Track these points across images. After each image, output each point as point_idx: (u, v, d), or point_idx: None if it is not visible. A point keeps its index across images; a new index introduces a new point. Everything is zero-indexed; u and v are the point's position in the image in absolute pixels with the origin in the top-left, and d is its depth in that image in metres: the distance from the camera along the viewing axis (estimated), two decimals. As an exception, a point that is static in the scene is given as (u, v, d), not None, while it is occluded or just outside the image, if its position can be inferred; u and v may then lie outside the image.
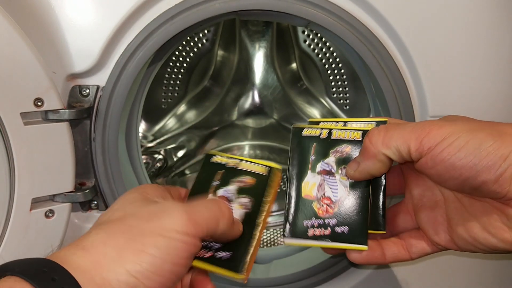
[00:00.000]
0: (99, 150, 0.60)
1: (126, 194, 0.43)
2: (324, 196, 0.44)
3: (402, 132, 0.39)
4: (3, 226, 0.54)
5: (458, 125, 0.38)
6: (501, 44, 0.58)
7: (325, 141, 0.46)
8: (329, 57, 0.95)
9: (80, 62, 0.57)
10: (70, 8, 0.55)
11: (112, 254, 0.34)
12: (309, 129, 0.46)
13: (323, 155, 0.45)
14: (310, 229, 0.44)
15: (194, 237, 0.36)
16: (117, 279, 0.33)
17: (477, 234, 0.41)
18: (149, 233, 0.35)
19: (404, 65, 0.59)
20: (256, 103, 1.01)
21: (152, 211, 0.37)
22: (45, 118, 0.55)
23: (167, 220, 0.35)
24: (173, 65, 0.96)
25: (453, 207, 0.43)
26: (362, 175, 0.43)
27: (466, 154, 0.36)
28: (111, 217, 0.39)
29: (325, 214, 0.44)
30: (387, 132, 0.40)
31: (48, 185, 0.56)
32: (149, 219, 0.36)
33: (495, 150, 0.36)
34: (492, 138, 0.36)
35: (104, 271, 0.33)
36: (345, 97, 0.97)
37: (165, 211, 0.36)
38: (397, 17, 0.57)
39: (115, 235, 0.35)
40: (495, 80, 0.59)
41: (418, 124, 0.39)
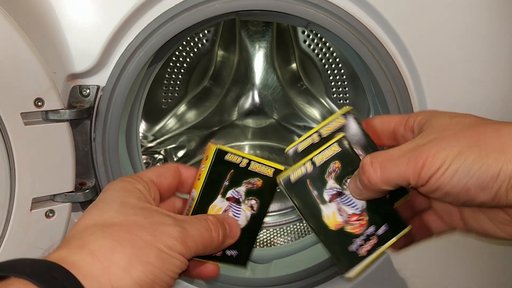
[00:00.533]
0: (99, 150, 0.60)
1: (118, 190, 0.42)
2: (349, 215, 0.45)
3: (398, 169, 0.39)
4: (4, 226, 0.54)
5: (451, 143, 0.38)
6: (500, 44, 0.58)
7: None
8: (329, 57, 0.95)
9: (80, 62, 0.57)
10: (71, 9, 0.55)
11: (121, 263, 0.36)
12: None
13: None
14: (360, 249, 0.45)
15: (184, 257, 0.40)
16: (126, 286, 0.35)
17: (488, 229, 0.42)
18: (153, 247, 0.37)
19: (403, 65, 0.59)
20: (256, 103, 1.01)
21: (154, 225, 0.39)
22: (45, 118, 0.55)
23: (166, 238, 0.38)
24: (173, 65, 0.96)
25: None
26: (367, 198, 0.44)
27: (459, 180, 0.37)
28: (113, 218, 0.39)
29: (361, 228, 0.45)
30: (384, 170, 0.40)
31: (49, 185, 0.56)
32: (153, 233, 0.38)
33: (485, 172, 0.36)
34: (480, 159, 0.36)
35: (113, 279, 0.35)
36: (344, 97, 0.97)
37: (165, 230, 0.39)
38: (397, 17, 0.57)
39: (122, 244, 0.37)
40: (495, 80, 0.60)
41: (412, 154, 0.39)
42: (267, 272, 0.70)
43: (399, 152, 0.40)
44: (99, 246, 0.36)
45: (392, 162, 0.40)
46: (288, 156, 0.47)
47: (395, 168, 0.39)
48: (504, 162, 0.36)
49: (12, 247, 0.55)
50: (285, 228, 0.90)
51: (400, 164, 0.39)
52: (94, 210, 0.40)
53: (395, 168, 0.39)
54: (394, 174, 0.39)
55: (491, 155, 0.36)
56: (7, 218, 0.54)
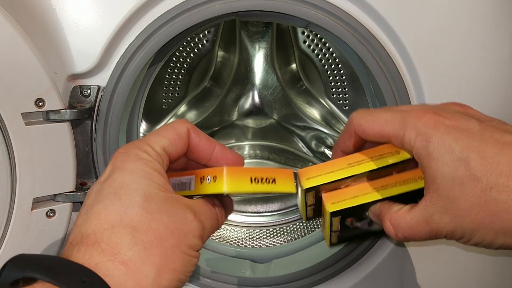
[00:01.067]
0: (100, 150, 0.60)
1: (139, 176, 0.39)
2: None
3: (419, 237, 0.43)
4: (4, 226, 0.54)
5: (466, 221, 0.39)
6: (500, 44, 0.59)
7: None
8: (328, 58, 0.96)
9: (81, 62, 0.57)
10: (71, 9, 0.56)
11: (151, 274, 0.36)
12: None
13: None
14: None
15: (199, 251, 0.41)
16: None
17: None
18: (178, 252, 0.38)
19: (403, 65, 0.60)
20: (256, 103, 1.01)
21: (178, 225, 0.39)
22: (46, 119, 0.55)
23: (190, 239, 0.39)
24: (173, 66, 0.97)
25: None
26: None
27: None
28: (139, 217, 0.37)
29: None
30: (405, 238, 0.44)
31: (49, 185, 0.57)
32: (178, 237, 0.38)
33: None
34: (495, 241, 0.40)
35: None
36: (344, 98, 0.97)
37: (188, 230, 0.39)
38: (397, 18, 0.57)
39: (152, 252, 0.36)
40: (494, 80, 0.60)
41: (432, 230, 0.42)
42: (267, 271, 0.70)
43: (416, 224, 0.42)
44: (131, 255, 0.35)
45: (412, 231, 0.43)
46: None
47: (415, 236, 0.43)
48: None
49: (13, 247, 0.55)
50: (285, 227, 0.90)
51: (421, 234, 0.42)
52: (117, 203, 0.38)
53: (416, 237, 0.43)
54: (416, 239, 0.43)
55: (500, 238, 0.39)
56: (8, 218, 0.54)
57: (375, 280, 0.67)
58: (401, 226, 0.43)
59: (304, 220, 0.88)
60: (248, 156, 1.06)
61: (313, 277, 0.68)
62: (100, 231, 0.36)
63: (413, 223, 0.42)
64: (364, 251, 0.67)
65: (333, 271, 0.68)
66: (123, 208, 0.37)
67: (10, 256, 0.54)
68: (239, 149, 1.06)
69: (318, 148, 1.03)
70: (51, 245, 0.58)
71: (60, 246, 0.59)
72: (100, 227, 0.36)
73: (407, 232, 0.42)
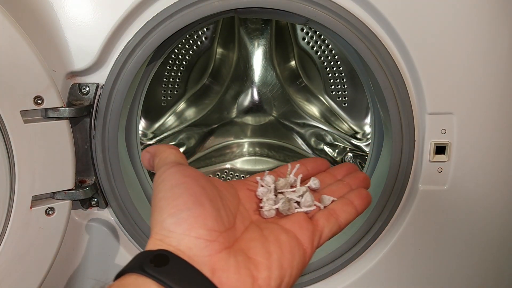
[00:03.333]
0: (99, 147, 0.60)
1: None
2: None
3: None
4: (4, 224, 0.54)
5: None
6: (499, 41, 0.59)
7: None
8: (327, 55, 0.95)
9: (79, 60, 0.57)
10: (70, 6, 0.56)
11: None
12: None
13: None
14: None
15: None
16: None
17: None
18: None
19: (402, 62, 0.60)
20: (255, 100, 1.01)
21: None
22: (45, 116, 0.55)
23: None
24: (172, 63, 0.96)
25: None
26: None
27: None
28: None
29: None
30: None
31: (49, 183, 0.57)
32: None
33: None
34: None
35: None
36: (343, 95, 0.97)
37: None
38: (396, 14, 0.57)
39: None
40: (493, 76, 0.60)
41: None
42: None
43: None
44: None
45: None
46: None
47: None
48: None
49: (12, 245, 0.55)
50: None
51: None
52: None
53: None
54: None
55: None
56: (7, 216, 0.54)
57: (374, 277, 0.68)
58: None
59: None
60: (248, 153, 1.06)
61: (312, 274, 0.68)
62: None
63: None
64: (362, 249, 0.67)
65: (332, 269, 0.68)
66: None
67: (9, 254, 0.54)
68: (239, 146, 1.06)
69: (317, 145, 1.03)
70: (51, 243, 0.58)
71: (59, 243, 0.59)
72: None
73: None
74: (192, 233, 0.33)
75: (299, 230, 0.39)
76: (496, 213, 0.65)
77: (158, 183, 0.37)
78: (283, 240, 0.38)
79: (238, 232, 0.38)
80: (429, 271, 0.68)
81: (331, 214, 0.43)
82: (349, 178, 0.49)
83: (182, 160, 0.41)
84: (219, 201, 0.37)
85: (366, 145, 0.97)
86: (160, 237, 0.34)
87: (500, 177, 0.63)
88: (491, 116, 0.61)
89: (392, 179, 0.63)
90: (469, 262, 0.67)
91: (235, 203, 0.41)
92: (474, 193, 0.64)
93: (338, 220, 0.43)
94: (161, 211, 0.35)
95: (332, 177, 0.50)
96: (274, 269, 0.35)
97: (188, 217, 0.34)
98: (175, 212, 0.34)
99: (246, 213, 0.41)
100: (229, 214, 0.38)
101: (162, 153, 0.41)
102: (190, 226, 0.34)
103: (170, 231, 0.33)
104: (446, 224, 0.65)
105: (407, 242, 0.66)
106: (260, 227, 0.39)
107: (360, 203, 0.45)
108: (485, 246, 0.67)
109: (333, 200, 0.44)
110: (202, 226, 0.34)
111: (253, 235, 0.38)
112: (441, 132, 0.61)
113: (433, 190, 0.64)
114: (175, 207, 0.34)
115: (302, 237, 0.39)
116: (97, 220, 0.64)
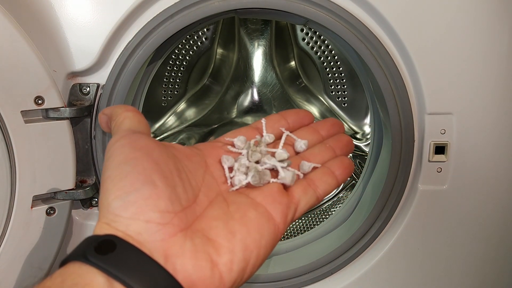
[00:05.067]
0: (99, 147, 0.61)
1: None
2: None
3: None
4: (4, 224, 0.54)
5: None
6: (498, 42, 0.59)
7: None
8: (327, 55, 0.96)
9: (80, 60, 0.57)
10: (70, 7, 0.56)
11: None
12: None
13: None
14: None
15: None
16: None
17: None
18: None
19: (402, 62, 0.60)
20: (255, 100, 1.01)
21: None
22: (45, 116, 0.55)
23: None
24: (173, 63, 0.97)
25: None
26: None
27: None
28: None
29: None
30: None
31: (49, 183, 0.57)
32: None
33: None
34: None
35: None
36: (343, 95, 0.98)
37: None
38: (395, 15, 0.57)
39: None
40: (493, 76, 0.60)
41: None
42: (266, 268, 0.70)
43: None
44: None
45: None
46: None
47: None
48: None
49: (13, 245, 0.55)
50: (284, 225, 0.90)
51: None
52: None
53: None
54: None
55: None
56: (8, 216, 0.54)
57: (374, 277, 0.68)
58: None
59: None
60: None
61: (312, 273, 0.68)
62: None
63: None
64: (362, 249, 0.67)
65: (332, 268, 0.68)
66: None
67: (10, 254, 0.54)
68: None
69: (317, 145, 1.03)
70: (51, 243, 0.58)
71: (60, 243, 0.59)
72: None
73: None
74: (141, 217, 0.30)
75: (271, 203, 0.35)
76: (496, 213, 0.65)
77: (106, 158, 0.33)
78: (250, 217, 0.34)
79: (200, 208, 0.34)
80: (429, 270, 0.68)
81: (309, 184, 0.38)
82: (333, 141, 0.43)
83: (138, 126, 0.36)
84: (176, 176, 0.33)
85: (366, 145, 0.97)
86: (107, 220, 0.30)
87: (500, 177, 0.64)
88: (491, 116, 0.61)
89: (392, 179, 0.63)
90: (468, 261, 0.67)
91: (199, 174, 0.36)
92: (474, 193, 0.64)
93: (316, 191, 0.38)
94: (107, 192, 0.31)
95: (315, 133, 0.44)
96: (238, 251, 0.32)
97: (136, 199, 0.30)
98: (121, 194, 0.31)
99: (214, 184, 0.37)
100: (189, 189, 0.34)
101: (117, 117, 0.37)
102: (138, 209, 0.30)
103: (117, 215, 0.30)
104: (446, 224, 0.65)
105: (407, 241, 0.66)
106: (227, 201, 0.36)
107: (342, 173, 0.40)
108: (485, 245, 0.67)
109: (314, 166, 0.39)
110: (152, 209, 0.30)
111: (216, 212, 0.34)
112: (441, 132, 0.61)
113: (433, 190, 0.64)
114: (121, 188, 0.31)
115: (274, 212, 0.35)
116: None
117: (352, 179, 0.98)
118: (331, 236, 0.73)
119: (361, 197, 0.72)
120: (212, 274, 0.30)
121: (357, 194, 0.74)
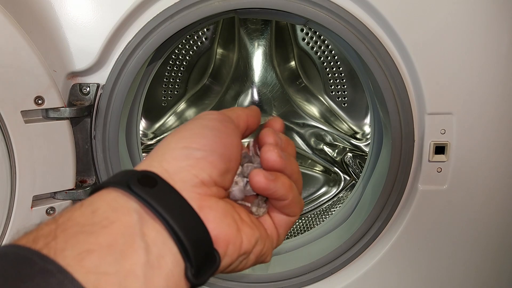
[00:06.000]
0: (99, 147, 0.60)
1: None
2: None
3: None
4: (5, 224, 0.54)
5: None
6: (498, 42, 0.59)
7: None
8: (327, 55, 0.96)
9: (80, 60, 0.57)
10: (70, 7, 0.56)
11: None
12: None
13: None
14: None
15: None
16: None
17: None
18: None
19: (401, 62, 0.60)
20: (255, 100, 1.01)
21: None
22: (45, 116, 0.55)
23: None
24: (173, 63, 0.97)
25: None
26: None
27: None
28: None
29: None
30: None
31: (49, 183, 0.57)
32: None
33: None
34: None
35: None
36: (343, 95, 0.98)
37: None
38: (395, 15, 0.57)
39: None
40: (492, 76, 0.60)
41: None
42: (267, 268, 0.70)
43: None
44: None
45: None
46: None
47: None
48: None
49: (13, 244, 0.55)
50: (284, 225, 0.90)
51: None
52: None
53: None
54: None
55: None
56: (8, 216, 0.54)
57: (374, 277, 0.68)
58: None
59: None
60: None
61: (312, 273, 0.68)
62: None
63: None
64: (362, 249, 0.67)
65: (333, 268, 0.68)
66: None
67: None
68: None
69: (317, 145, 1.03)
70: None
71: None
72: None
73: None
74: (193, 171, 0.32)
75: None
76: (496, 212, 0.65)
77: (195, 119, 0.36)
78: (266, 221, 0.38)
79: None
80: (429, 270, 0.68)
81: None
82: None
83: (236, 120, 0.40)
84: (234, 166, 0.36)
85: (366, 145, 0.97)
86: (160, 159, 0.33)
87: (499, 176, 0.64)
88: (490, 116, 0.61)
89: (392, 179, 0.63)
90: (468, 261, 0.67)
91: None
92: (473, 192, 0.64)
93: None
94: (181, 139, 0.34)
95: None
96: (255, 232, 0.35)
97: (201, 157, 0.33)
98: (194, 146, 0.33)
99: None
100: (231, 179, 0.37)
101: (230, 111, 0.40)
102: (197, 165, 0.32)
103: (175, 159, 0.32)
104: (446, 224, 0.65)
105: (407, 241, 0.66)
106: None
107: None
108: (485, 245, 0.67)
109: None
110: (206, 171, 0.33)
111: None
112: (441, 132, 0.61)
113: (433, 190, 0.64)
114: (197, 143, 0.33)
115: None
116: (97, 220, 0.64)
117: (352, 179, 0.98)
118: (331, 236, 0.73)
119: (361, 197, 0.72)
120: (237, 235, 0.33)
121: (357, 194, 0.74)
